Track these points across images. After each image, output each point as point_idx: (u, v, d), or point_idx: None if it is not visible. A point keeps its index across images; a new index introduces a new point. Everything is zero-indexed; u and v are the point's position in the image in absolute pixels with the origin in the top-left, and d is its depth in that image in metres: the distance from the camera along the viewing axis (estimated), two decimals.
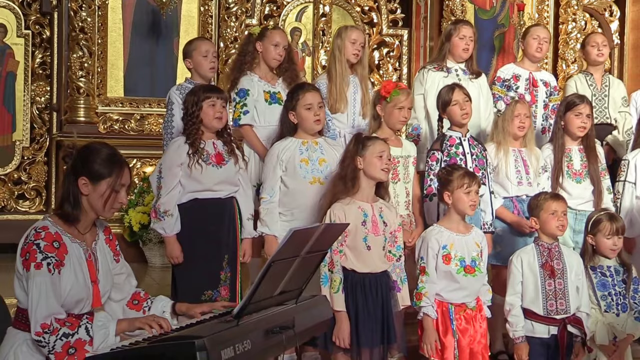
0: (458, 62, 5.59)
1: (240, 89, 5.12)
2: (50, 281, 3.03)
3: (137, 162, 7.78)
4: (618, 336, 4.44)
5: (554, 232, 4.40)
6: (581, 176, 5.17)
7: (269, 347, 3.19)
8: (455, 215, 4.32)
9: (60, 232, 3.13)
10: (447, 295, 4.26)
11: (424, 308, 4.20)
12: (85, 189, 3.17)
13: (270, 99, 5.12)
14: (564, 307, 4.33)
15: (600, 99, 5.98)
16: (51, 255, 3.05)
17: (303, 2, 8.61)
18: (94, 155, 3.21)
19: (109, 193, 3.18)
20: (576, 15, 8.92)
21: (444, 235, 4.28)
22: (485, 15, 8.83)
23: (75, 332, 3.02)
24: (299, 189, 4.56)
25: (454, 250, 4.26)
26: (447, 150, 4.85)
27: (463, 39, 5.54)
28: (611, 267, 4.53)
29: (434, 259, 4.24)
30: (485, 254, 4.38)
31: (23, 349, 3.11)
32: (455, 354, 4.22)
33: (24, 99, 7.96)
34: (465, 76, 5.54)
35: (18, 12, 7.93)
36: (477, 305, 4.33)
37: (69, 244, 3.13)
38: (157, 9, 7.79)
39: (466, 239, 4.32)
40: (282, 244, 3.17)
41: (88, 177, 3.17)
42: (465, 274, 4.26)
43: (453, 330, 4.23)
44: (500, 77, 5.78)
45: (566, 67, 8.88)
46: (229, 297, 4.42)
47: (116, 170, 3.19)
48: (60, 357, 2.99)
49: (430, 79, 5.49)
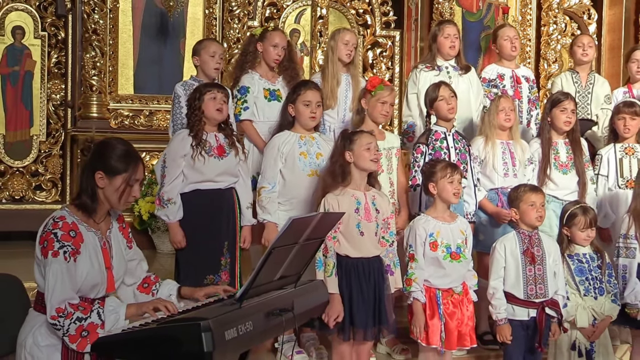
0: (447, 59, 5.57)
1: (242, 87, 5.11)
2: (66, 268, 3.04)
3: (146, 156, 7.76)
4: (597, 318, 4.43)
5: (532, 223, 4.39)
6: (567, 168, 5.16)
7: (269, 328, 3.20)
8: (441, 204, 4.31)
9: (77, 221, 3.13)
10: (434, 282, 4.25)
11: (413, 293, 4.19)
12: (102, 183, 3.17)
13: (269, 96, 5.11)
14: (543, 291, 4.32)
15: (583, 96, 5.97)
16: (68, 244, 3.06)
17: (301, 5, 8.59)
18: (111, 151, 3.21)
19: (124, 187, 3.18)
20: (557, 18, 8.92)
21: (430, 223, 4.27)
22: (472, 18, 8.82)
23: (88, 316, 3.03)
24: (298, 181, 4.56)
25: (440, 238, 4.25)
26: (432, 144, 4.85)
27: (448, 38, 5.52)
28: (586, 255, 4.52)
29: (421, 246, 4.23)
30: (470, 241, 4.37)
31: (42, 330, 3.12)
32: (442, 337, 4.21)
33: (40, 96, 7.95)
34: (456, 72, 5.53)
35: (35, 15, 7.92)
36: (463, 290, 4.32)
37: (85, 233, 3.14)
38: (165, 12, 7.80)
39: (451, 227, 4.31)
40: (281, 231, 3.17)
41: (104, 171, 3.17)
42: (452, 260, 4.25)
43: (440, 314, 4.22)
44: (486, 77, 5.76)
45: (548, 66, 8.89)
46: (229, 281, 4.42)
47: (131, 166, 3.19)
48: (74, 339, 3.00)
49: (422, 79, 5.46)
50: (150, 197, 7.22)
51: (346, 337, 4.08)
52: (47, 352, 3.09)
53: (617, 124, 5.27)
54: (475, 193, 4.94)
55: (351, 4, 8.73)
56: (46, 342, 3.10)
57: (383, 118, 4.80)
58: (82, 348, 2.99)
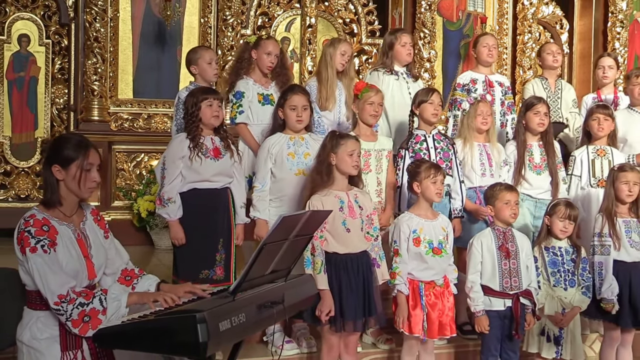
0: (403, 65, 5.59)
1: (237, 91, 5.10)
2: (49, 259, 3.02)
3: (145, 157, 7.76)
4: (566, 308, 4.46)
5: (507, 220, 4.41)
6: (541, 168, 5.18)
7: (261, 319, 3.20)
8: (424, 202, 4.32)
9: (48, 217, 3.11)
10: (417, 274, 4.26)
11: (397, 286, 4.20)
12: (60, 175, 3.15)
13: (263, 100, 5.10)
14: (517, 284, 4.34)
15: (554, 101, 5.99)
16: (43, 237, 3.03)
17: (292, 15, 8.58)
18: (63, 144, 3.19)
19: (80, 173, 3.14)
20: (531, 28, 8.95)
21: (414, 221, 4.29)
22: (452, 27, 8.84)
23: (90, 302, 3.02)
24: (286, 179, 4.57)
25: (423, 234, 4.27)
26: (412, 147, 4.87)
27: (405, 46, 5.54)
28: (562, 248, 4.55)
29: (405, 242, 4.24)
30: (450, 237, 4.38)
31: (39, 324, 3.11)
32: (424, 326, 4.23)
33: (45, 100, 7.91)
34: (409, 78, 5.57)
35: (40, 23, 7.88)
36: (444, 283, 4.33)
37: (58, 226, 3.11)
38: (163, 21, 7.78)
39: (433, 224, 4.32)
40: (272, 228, 3.17)
41: (59, 163, 3.14)
42: (433, 255, 4.27)
43: (422, 305, 4.24)
44: (460, 83, 5.78)
45: (523, 72, 8.92)
46: (223, 275, 4.42)
47: (82, 152, 3.16)
48: (77, 323, 2.99)
49: (385, 81, 5.47)
50: (149, 196, 7.21)
51: (337, 329, 4.09)
52: (46, 343, 3.08)
53: (591, 124, 5.29)
54: (462, 189, 4.94)
55: (338, 14, 8.73)
56: (45, 335, 3.09)
57: (373, 118, 4.80)
58: (84, 332, 2.99)
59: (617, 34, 9.09)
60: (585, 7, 9.55)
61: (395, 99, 5.40)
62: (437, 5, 8.63)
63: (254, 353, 4.57)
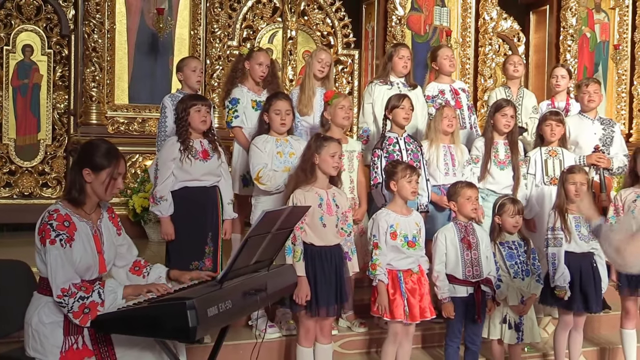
0: (399, 77, 5.59)
1: (232, 98, 5.12)
2: (64, 253, 3.02)
3: (139, 157, 7.71)
4: (524, 296, 4.49)
5: (468, 214, 4.43)
6: (505, 164, 5.21)
7: (246, 306, 3.21)
8: (400, 200, 4.33)
9: (70, 213, 3.11)
10: (395, 264, 4.26)
11: (378, 276, 4.19)
12: (89, 178, 3.15)
13: (256, 106, 5.11)
14: (479, 272, 4.37)
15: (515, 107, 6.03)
16: (63, 232, 3.04)
17: (274, 28, 8.57)
18: (95, 150, 3.19)
19: (109, 180, 3.17)
20: (492, 40, 9.02)
21: (390, 216, 4.29)
22: (420, 39, 8.88)
23: (90, 295, 3.02)
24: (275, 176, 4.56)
25: (399, 229, 4.27)
26: (385, 148, 4.87)
27: (402, 59, 5.54)
28: (515, 242, 4.58)
29: (384, 236, 4.24)
30: (423, 232, 4.39)
31: (46, 310, 3.11)
32: (406, 311, 4.22)
33: (47, 105, 7.85)
34: (405, 88, 5.53)
35: (42, 35, 7.82)
36: (420, 271, 4.33)
37: (78, 223, 3.12)
38: (156, 33, 7.75)
39: (408, 219, 4.33)
40: (255, 223, 3.17)
41: (90, 168, 3.15)
42: (409, 248, 4.28)
43: (402, 292, 4.23)
44: (429, 95, 5.77)
45: (484, 81, 8.98)
46: (212, 266, 4.40)
47: (114, 162, 3.18)
48: (77, 315, 2.99)
49: (377, 91, 5.47)
50: (143, 194, 7.19)
51: (313, 314, 4.08)
52: (51, 328, 3.08)
53: (544, 130, 5.32)
54: (428, 187, 4.95)
55: (317, 27, 8.74)
56: (50, 319, 3.09)
57: (346, 121, 4.79)
58: (84, 323, 2.99)
59: (568, 47, 9.19)
60: (540, 22, 9.67)
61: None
62: (406, 20, 8.67)
63: (240, 336, 4.57)
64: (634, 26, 9.74)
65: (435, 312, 4.38)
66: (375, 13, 8.72)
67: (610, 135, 5.65)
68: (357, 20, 8.97)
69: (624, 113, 9.80)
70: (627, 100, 9.78)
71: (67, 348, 3.05)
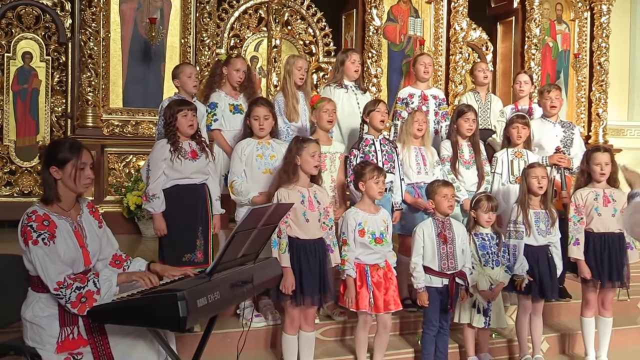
0: (350, 80, 5.52)
1: (211, 102, 5.07)
2: (49, 250, 2.97)
3: (133, 158, 7.67)
4: (493, 284, 4.52)
5: (445, 211, 4.45)
6: (469, 164, 5.23)
7: (233, 297, 3.20)
8: (368, 199, 4.33)
9: (48, 212, 3.07)
10: (363, 259, 4.27)
11: (346, 270, 4.21)
12: (57, 175, 3.11)
13: (234, 110, 5.08)
14: (454, 265, 4.39)
15: (484, 111, 6.05)
16: (43, 232, 2.99)
17: (260, 37, 8.56)
18: (58, 147, 3.15)
19: (75, 172, 3.11)
20: (462, 49, 9.05)
21: (359, 215, 4.29)
22: (396, 48, 8.90)
23: (85, 285, 2.99)
24: (255, 178, 4.55)
25: (367, 226, 4.27)
26: (362, 149, 4.86)
27: (354, 63, 5.48)
28: (488, 234, 4.61)
29: (352, 233, 4.24)
30: (390, 228, 4.39)
31: (40, 304, 3.07)
32: (371, 302, 4.24)
33: (45, 109, 7.78)
34: (358, 91, 5.51)
35: (41, 42, 7.76)
36: (386, 265, 4.35)
37: (57, 220, 3.07)
38: (148, 41, 7.71)
39: (376, 217, 4.32)
40: (242, 219, 3.16)
41: (56, 165, 3.10)
42: (376, 244, 4.28)
43: (368, 285, 4.25)
44: (400, 97, 5.78)
45: (455, 87, 9.01)
46: (203, 258, 4.38)
47: (76, 153, 3.12)
48: (75, 305, 2.96)
49: (336, 94, 5.41)
50: (137, 192, 7.16)
51: (297, 303, 4.08)
52: (47, 320, 3.05)
53: (511, 132, 5.34)
54: (402, 186, 4.95)
55: (299, 36, 8.73)
56: (46, 313, 3.05)
57: (329, 124, 4.80)
58: (82, 312, 2.97)
59: (532, 55, 9.25)
60: (506, 32, 9.73)
61: (345, 109, 5.37)
62: (383, 30, 8.68)
63: (228, 325, 4.55)
64: (592, 36, 9.84)
65: (401, 305, 4.40)
66: (354, 23, 8.72)
67: (571, 137, 5.70)
68: (337, 30, 8.97)
69: (584, 117, 9.89)
70: (586, 104, 9.88)
71: (63, 338, 3.02)
